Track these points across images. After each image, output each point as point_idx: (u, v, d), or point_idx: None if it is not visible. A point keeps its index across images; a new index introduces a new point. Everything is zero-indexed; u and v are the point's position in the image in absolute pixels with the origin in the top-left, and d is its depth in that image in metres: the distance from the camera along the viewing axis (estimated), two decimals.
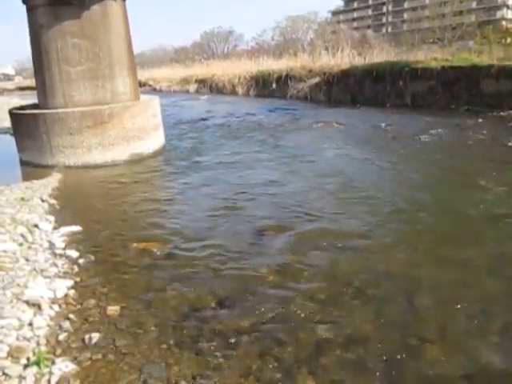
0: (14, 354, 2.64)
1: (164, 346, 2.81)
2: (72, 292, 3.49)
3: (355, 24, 60.14)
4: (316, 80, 19.33)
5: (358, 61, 19.47)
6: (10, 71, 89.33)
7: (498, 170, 6.68)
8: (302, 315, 3.10)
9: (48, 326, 3.00)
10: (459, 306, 3.13)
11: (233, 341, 2.84)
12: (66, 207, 5.85)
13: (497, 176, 6.32)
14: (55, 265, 3.94)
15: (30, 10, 8.60)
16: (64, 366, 2.57)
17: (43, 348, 2.75)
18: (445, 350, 2.69)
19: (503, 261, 3.83)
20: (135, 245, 4.44)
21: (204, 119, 14.99)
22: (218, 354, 2.72)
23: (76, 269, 3.92)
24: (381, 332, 2.88)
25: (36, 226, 4.86)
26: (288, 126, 12.47)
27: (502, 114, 12.37)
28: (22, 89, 45.91)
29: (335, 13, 67.04)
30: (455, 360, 2.60)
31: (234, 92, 26.08)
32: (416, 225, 4.77)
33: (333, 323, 2.99)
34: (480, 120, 11.46)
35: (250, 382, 2.48)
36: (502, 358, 2.61)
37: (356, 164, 7.62)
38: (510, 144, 8.41)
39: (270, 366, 2.60)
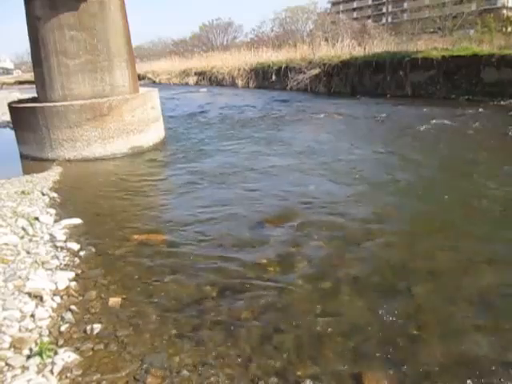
0: (16, 345, 2.67)
1: (165, 335, 2.83)
2: (73, 284, 3.51)
3: (355, 14, 59.68)
4: (316, 71, 19.24)
5: (358, 51, 19.35)
6: (9, 65, 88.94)
7: (497, 159, 6.68)
8: (302, 305, 3.12)
9: (50, 317, 3.03)
10: (457, 296, 3.15)
11: (233, 330, 2.86)
12: (67, 200, 5.86)
13: (496, 165, 6.32)
14: (56, 257, 3.96)
15: (28, 2, 8.55)
16: (66, 357, 2.59)
17: (45, 339, 2.77)
18: (442, 342, 2.71)
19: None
20: (136, 236, 4.46)
21: (204, 112, 14.95)
22: (218, 343, 2.74)
23: (77, 261, 3.94)
24: (380, 321, 2.90)
25: (37, 218, 4.87)
26: (288, 118, 12.43)
27: (502, 102, 12.33)
28: (21, 82, 45.71)
29: (335, 3, 66.44)
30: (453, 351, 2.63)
31: (233, 84, 25.99)
32: (415, 215, 4.77)
33: (333, 312, 3.01)
34: (481, 109, 11.41)
35: (251, 371, 2.50)
36: None
37: (357, 156, 7.60)
38: (509, 133, 8.38)
39: (271, 355, 2.62)
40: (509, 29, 20.91)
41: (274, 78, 22.40)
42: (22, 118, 8.61)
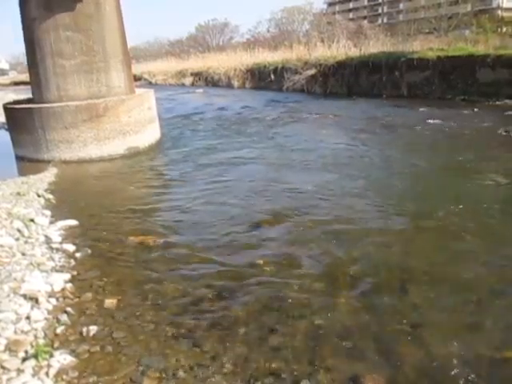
0: (12, 348, 2.65)
1: (161, 337, 2.82)
2: (69, 285, 3.49)
3: (351, 15, 59.72)
4: (312, 72, 19.26)
5: (354, 52, 19.39)
6: (4, 65, 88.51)
7: (493, 158, 6.71)
8: (299, 305, 3.12)
9: (46, 319, 3.00)
10: (454, 296, 3.16)
11: (230, 331, 2.86)
12: (63, 202, 5.84)
13: (491, 164, 6.35)
14: (52, 259, 3.94)
15: (23, 3, 8.51)
16: (62, 359, 2.58)
17: (41, 341, 2.75)
18: (440, 342, 2.72)
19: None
20: (132, 238, 4.44)
21: (200, 113, 14.94)
22: (215, 344, 2.73)
23: (73, 262, 3.92)
24: (377, 321, 2.91)
25: (32, 220, 4.85)
26: (285, 119, 12.41)
27: (498, 102, 12.39)
28: (16, 83, 45.56)
29: (331, 3, 66.50)
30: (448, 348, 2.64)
31: (229, 85, 25.98)
32: (412, 214, 4.78)
33: (330, 313, 3.01)
34: (476, 109, 11.47)
35: (247, 372, 2.49)
36: None
37: (354, 155, 7.62)
38: (504, 133, 8.42)
39: (267, 356, 2.61)
40: (504, 29, 21.01)
41: (269, 78, 22.39)
42: (17, 118, 8.57)
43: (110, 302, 3.24)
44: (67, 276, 3.63)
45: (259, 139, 9.46)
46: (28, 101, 9.56)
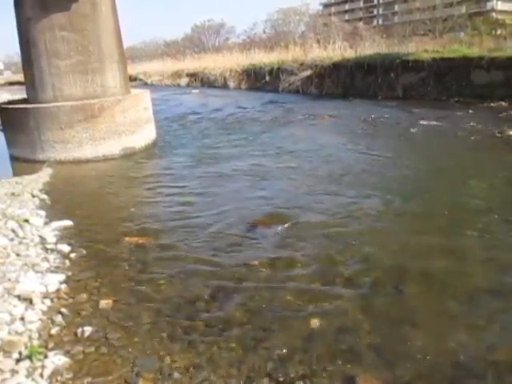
0: (5, 349, 2.63)
1: (157, 338, 2.81)
2: (64, 286, 3.47)
3: (347, 16, 59.89)
4: (308, 73, 19.27)
5: (350, 53, 19.43)
6: None
7: (486, 159, 6.75)
8: (295, 306, 3.12)
9: (40, 320, 2.99)
10: (450, 296, 3.18)
11: (225, 332, 2.85)
12: (58, 202, 5.81)
13: (484, 165, 6.38)
14: (47, 259, 3.92)
15: (19, 3, 8.48)
16: (57, 360, 2.57)
17: (35, 342, 2.74)
18: (435, 342, 2.73)
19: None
20: (127, 239, 4.43)
21: (196, 113, 14.91)
22: (210, 345, 2.73)
23: (68, 263, 3.90)
24: (372, 322, 2.91)
25: (27, 220, 4.82)
26: (281, 120, 12.36)
27: (492, 104, 12.45)
28: (11, 83, 45.32)
29: (326, 5, 66.69)
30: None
31: (225, 85, 25.96)
32: (403, 214, 4.81)
33: (326, 313, 3.01)
34: (471, 111, 11.53)
35: (243, 373, 2.49)
36: None
37: (350, 159, 7.63)
38: (498, 134, 8.47)
39: (263, 357, 2.61)
40: (498, 31, 21.15)
41: (265, 79, 22.39)
42: (12, 118, 8.53)
43: (105, 303, 3.22)
44: (62, 277, 3.61)
45: (261, 146, 8.98)
46: (23, 101, 9.52)
